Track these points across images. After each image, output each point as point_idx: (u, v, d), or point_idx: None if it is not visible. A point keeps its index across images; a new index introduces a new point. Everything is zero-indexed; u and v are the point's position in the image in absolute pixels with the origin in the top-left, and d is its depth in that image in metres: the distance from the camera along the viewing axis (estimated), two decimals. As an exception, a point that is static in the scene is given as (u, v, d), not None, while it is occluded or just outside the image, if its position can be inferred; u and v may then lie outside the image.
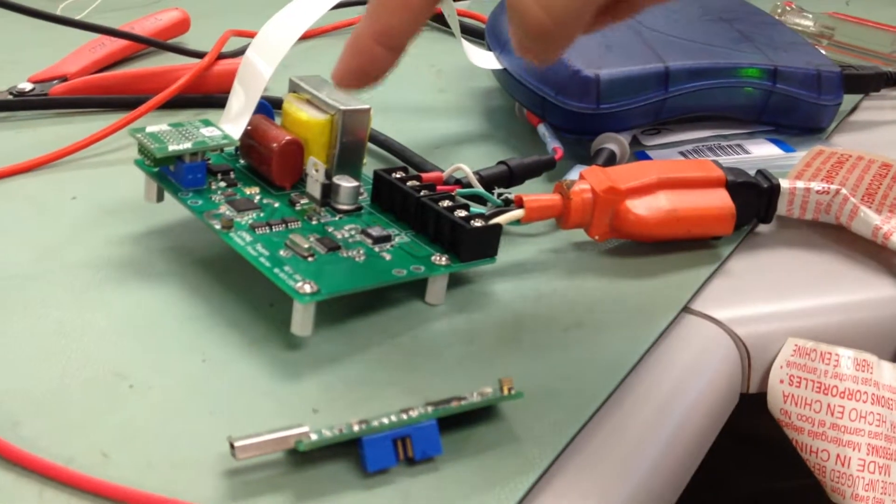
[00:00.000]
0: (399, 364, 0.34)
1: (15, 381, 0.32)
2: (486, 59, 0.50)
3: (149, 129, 0.38)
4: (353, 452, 0.29)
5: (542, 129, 0.48)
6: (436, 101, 0.53)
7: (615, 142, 0.46)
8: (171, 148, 0.37)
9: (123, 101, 0.49)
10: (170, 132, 0.38)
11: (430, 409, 0.30)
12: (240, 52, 0.54)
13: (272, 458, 0.29)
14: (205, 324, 0.35)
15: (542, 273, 0.39)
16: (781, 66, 0.49)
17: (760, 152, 0.49)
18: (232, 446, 0.28)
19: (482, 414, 0.31)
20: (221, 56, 0.52)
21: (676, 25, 0.51)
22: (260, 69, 0.40)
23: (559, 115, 0.47)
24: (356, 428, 0.29)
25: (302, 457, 0.29)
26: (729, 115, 0.50)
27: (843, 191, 0.42)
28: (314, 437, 0.28)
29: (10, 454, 0.29)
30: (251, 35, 0.55)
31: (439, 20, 0.63)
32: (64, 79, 0.51)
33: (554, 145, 0.46)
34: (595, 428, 0.32)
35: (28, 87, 0.50)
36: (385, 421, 0.29)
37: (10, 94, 0.49)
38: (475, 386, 0.31)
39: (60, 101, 0.49)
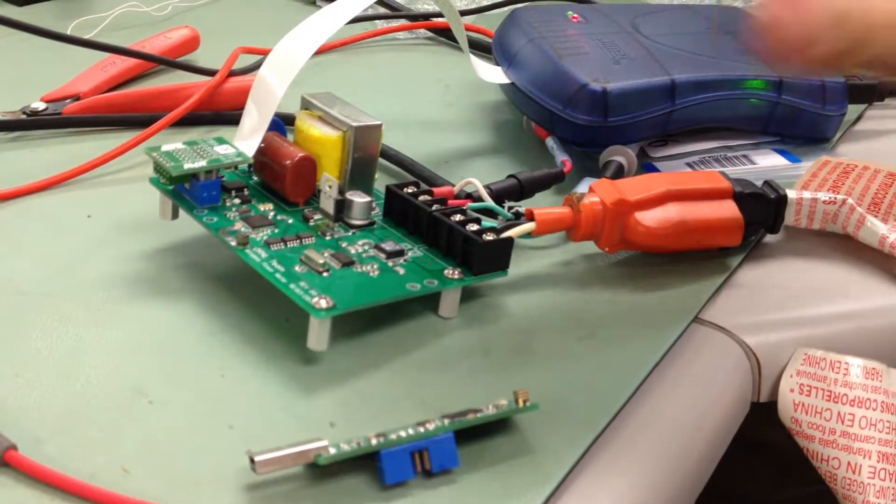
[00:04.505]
0: (414, 377, 0.34)
1: (35, 398, 0.32)
2: (493, 74, 0.50)
3: (164, 147, 0.39)
4: (371, 466, 0.30)
5: (550, 142, 0.48)
6: (444, 115, 0.54)
7: (623, 154, 0.46)
8: (187, 166, 0.38)
9: (136, 119, 0.50)
10: (184, 150, 0.39)
11: (446, 421, 0.30)
12: (250, 70, 0.55)
13: (292, 472, 0.30)
14: (222, 340, 0.35)
15: (553, 285, 0.40)
16: (786, 77, 0.50)
17: (766, 163, 0.50)
18: (252, 461, 0.28)
19: (498, 426, 0.32)
20: (232, 73, 0.52)
21: (682, 39, 0.52)
22: (273, 87, 0.40)
23: (567, 128, 0.47)
24: (374, 441, 0.29)
25: (321, 470, 0.29)
26: (735, 127, 0.51)
27: (850, 200, 0.42)
28: (333, 450, 0.29)
29: (33, 471, 0.29)
30: (261, 52, 0.56)
31: (447, 35, 0.64)
32: (76, 98, 0.51)
33: (562, 158, 0.46)
34: (609, 439, 0.32)
35: (41, 106, 0.50)
36: (402, 434, 0.30)
37: (24, 113, 0.50)
38: (490, 398, 0.31)
39: (74, 119, 0.50)
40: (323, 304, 0.33)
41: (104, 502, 0.28)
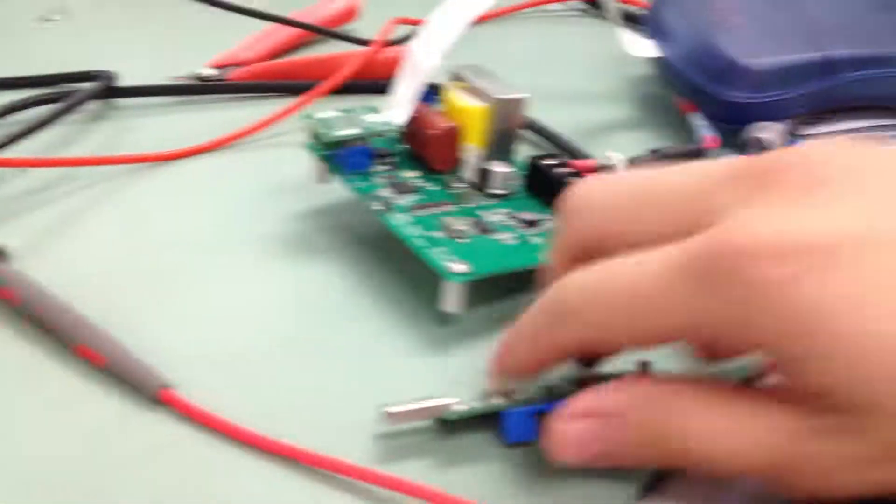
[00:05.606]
0: (544, 343, 0.35)
1: (187, 343, 0.35)
2: (641, 47, 0.50)
3: (319, 114, 0.41)
4: (495, 425, 0.31)
5: (693, 117, 0.48)
6: (590, 87, 0.54)
7: (770, 131, 0.46)
8: (340, 133, 0.40)
9: (295, 86, 0.52)
10: (338, 118, 0.41)
11: (570, 386, 0.31)
12: (406, 40, 0.57)
13: (419, 425, 0.31)
14: (365, 298, 0.37)
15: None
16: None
17: (924, 143, 0.48)
18: (384, 413, 0.30)
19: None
20: (388, 43, 0.54)
21: (840, 13, 0.51)
22: (425, 58, 0.42)
23: (715, 104, 0.47)
24: (499, 401, 0.31)
25: (448, 426, 0.31)
26: (892, 105, 0.49)
27: None
28: (462, 408, 0.30)
29: (188, 410, 0.31)
30: (416, 23, 0.57)
31: (596, 6, 0.64)
32: (239, 65, 0.54)
33: (707, 135, 0.46)
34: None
35: (210, 72, 0.53)
36: (528, 396, 0.31)
37: (195, 79, 0.53)
38: (614, 362, 0.32)
39: (238, 86, 0.53)
40: (459, 268, 0.34)
41: (251, 442, 0.30)
